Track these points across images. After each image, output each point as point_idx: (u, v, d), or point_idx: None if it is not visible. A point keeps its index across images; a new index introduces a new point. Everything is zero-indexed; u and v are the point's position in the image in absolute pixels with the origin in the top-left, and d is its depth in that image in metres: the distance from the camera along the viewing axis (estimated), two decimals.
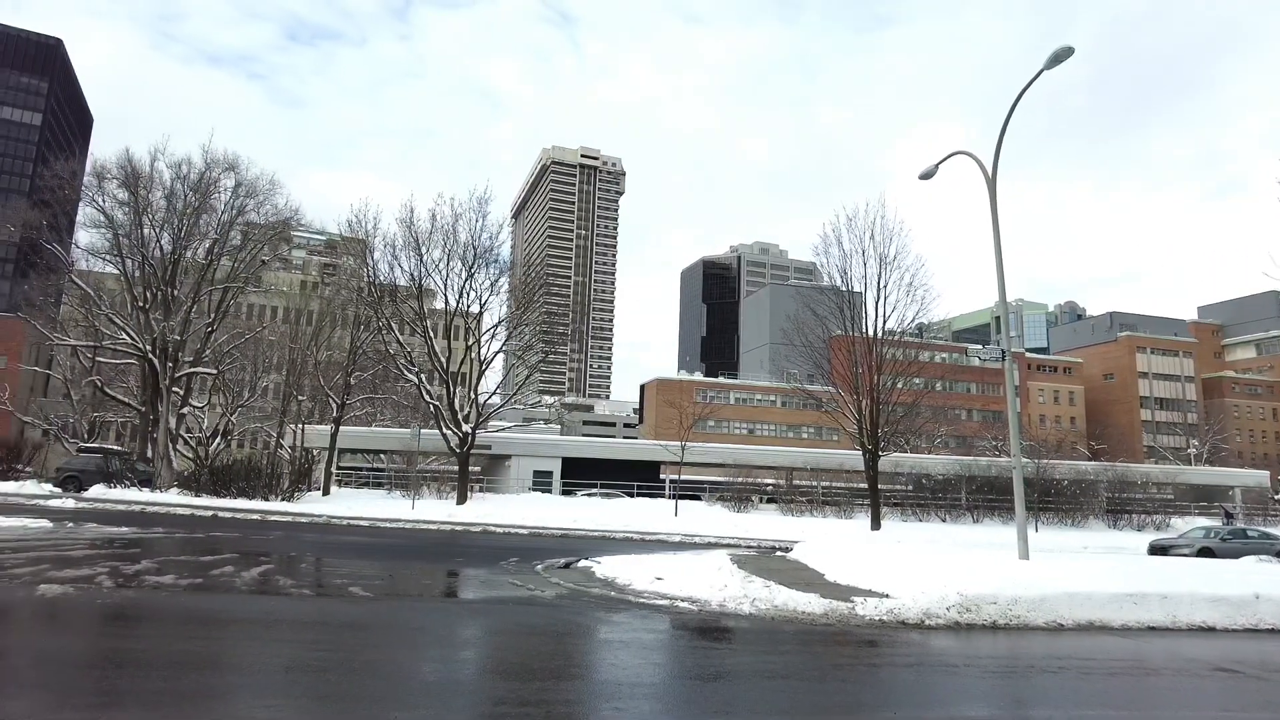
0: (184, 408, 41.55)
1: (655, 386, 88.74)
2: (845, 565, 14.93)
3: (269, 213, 41.43)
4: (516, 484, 43.23)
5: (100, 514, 23.09)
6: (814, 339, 36.23)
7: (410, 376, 38.27)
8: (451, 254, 37.24)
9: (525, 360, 41.71)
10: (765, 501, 40.62)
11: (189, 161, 39.29)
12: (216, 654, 7.77)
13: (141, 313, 37.88)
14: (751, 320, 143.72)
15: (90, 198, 39.38)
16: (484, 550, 19.31)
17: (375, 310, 38.91)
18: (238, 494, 31.69)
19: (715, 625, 10.57)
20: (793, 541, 22.26)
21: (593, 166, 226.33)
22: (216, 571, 12.60)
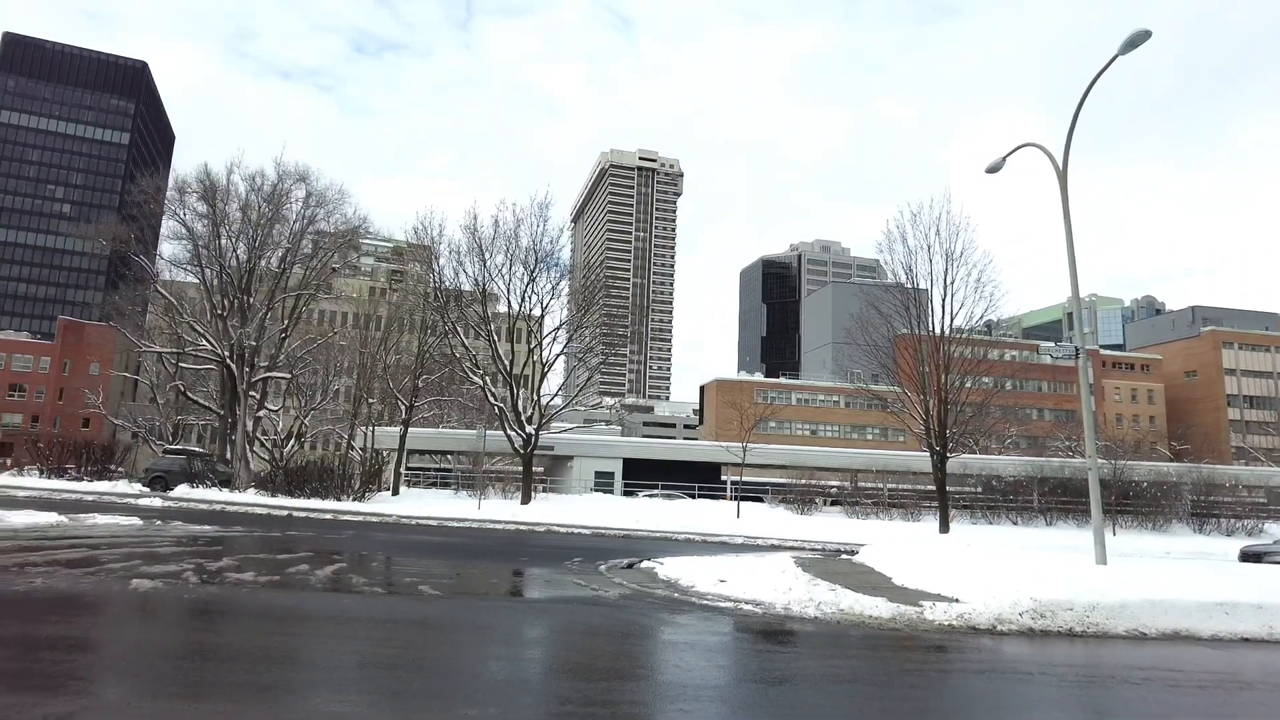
0: (260, 411, 43.19)
1: (715, 387, 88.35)
2: (913, 569, 14.63)
3: (338, 221, 42.84)
4: (578, 485, 43.59)
5: (184, 512, 24.15)
6: (878, 338, 35.54)
7: (475, 379, 38.99)
8: (514, 258, 37.87)
9: (586, 362, 42.06)
10: (829, 504, 40.00)
11: (262, 174, 40.97)
12: (294, 649, 8.07)
13: (220, 320, 39.48)
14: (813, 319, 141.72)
15: (172, 211, 41.40)
16: (548, 550, 19.54)
17: (441, 315, 39.83)
18: (311, 494, 32.73)
19: (780, 628, 10.49)
20: (858, 544, 21.90)
21: (650, 169, 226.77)
22: (292, 569, 13.06)
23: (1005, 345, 72.00)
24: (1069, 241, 16.83)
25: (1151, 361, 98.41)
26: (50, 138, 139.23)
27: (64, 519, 18.56)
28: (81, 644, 7.90)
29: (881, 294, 36.67)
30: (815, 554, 20.82)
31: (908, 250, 33.92)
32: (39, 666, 6.52)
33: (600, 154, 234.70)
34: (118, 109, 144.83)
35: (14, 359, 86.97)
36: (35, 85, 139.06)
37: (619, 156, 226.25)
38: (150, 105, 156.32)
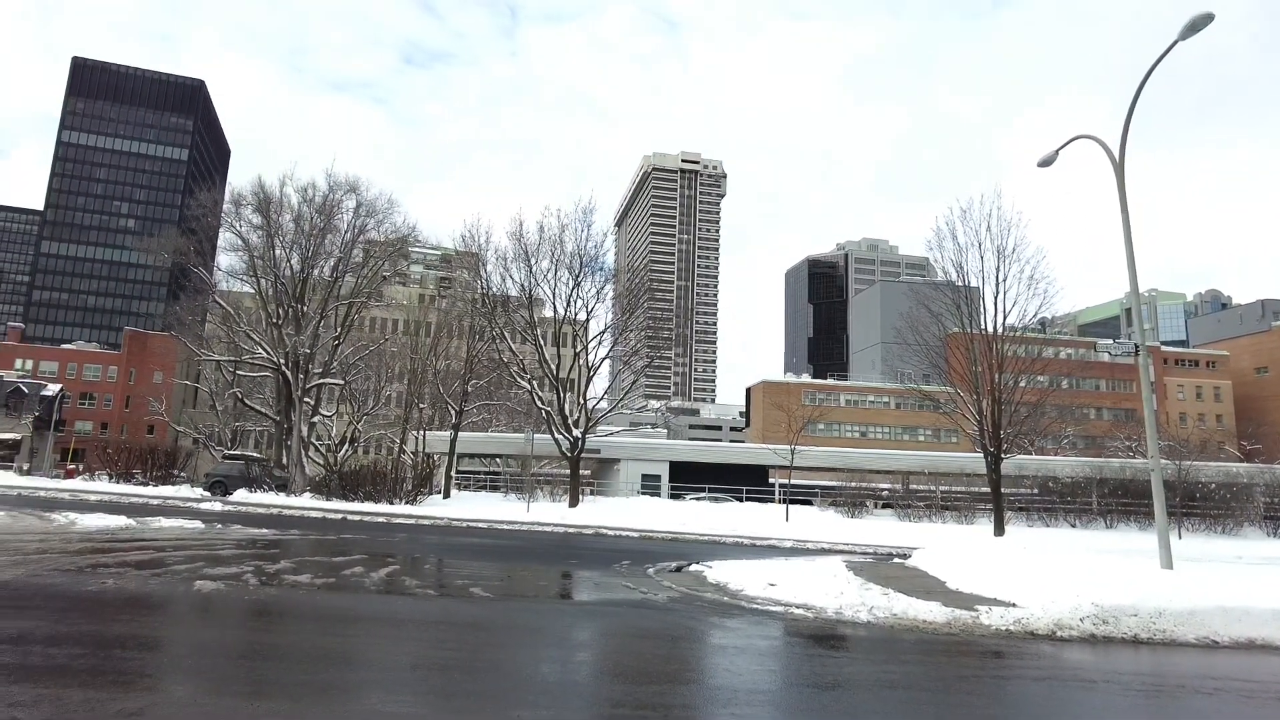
0: (315, 417, 44.20)
1: (761, 389, 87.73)
2: (967, 572, 14.32)
3: (388, 230, 43.68)
4: (625, 487, 43.68)
5: (243, 516, 24.84)
6: (929, 337, 34.91)
7: (522, 383, 39.38)
8: (559, 263, 38.17)
9: (631, 365, 42.14)
10: (880, 507, 39.40)
11: (314, 185, 42.01)
12: (350, 650, 8.23)
13: (275, 328, 40.54)
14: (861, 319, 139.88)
15: (229, 223, 42.69)
16: (596, 553, 19.61)
17: (489, 320, 40.35)
18: (365, 498, 33.40)
19: (831, 633, 10.36)
20: (910, 548, 21.52)
21: (693, 171, 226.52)
22: (347, 572, 13.33)
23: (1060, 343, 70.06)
24: (1127, 235, 16.31)
25: (1217, 358, 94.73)
26: (115, 156, 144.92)
27: (132, 522, 19.24)
28: (150, 642, 8.19)
29: (931, 292, 36.02)
30: (866, 558, 20.53)
31: (958, 247, 33.29)
32: (112, 664, 6.78)
33: (643, 157, 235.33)
34: (177, 126, 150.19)
35: (85, 369, 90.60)
36: (101, 106, 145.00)
37: (661, 159, 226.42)
38: (207, 121, 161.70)
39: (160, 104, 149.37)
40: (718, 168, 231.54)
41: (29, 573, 11.20)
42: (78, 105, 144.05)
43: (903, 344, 37.43)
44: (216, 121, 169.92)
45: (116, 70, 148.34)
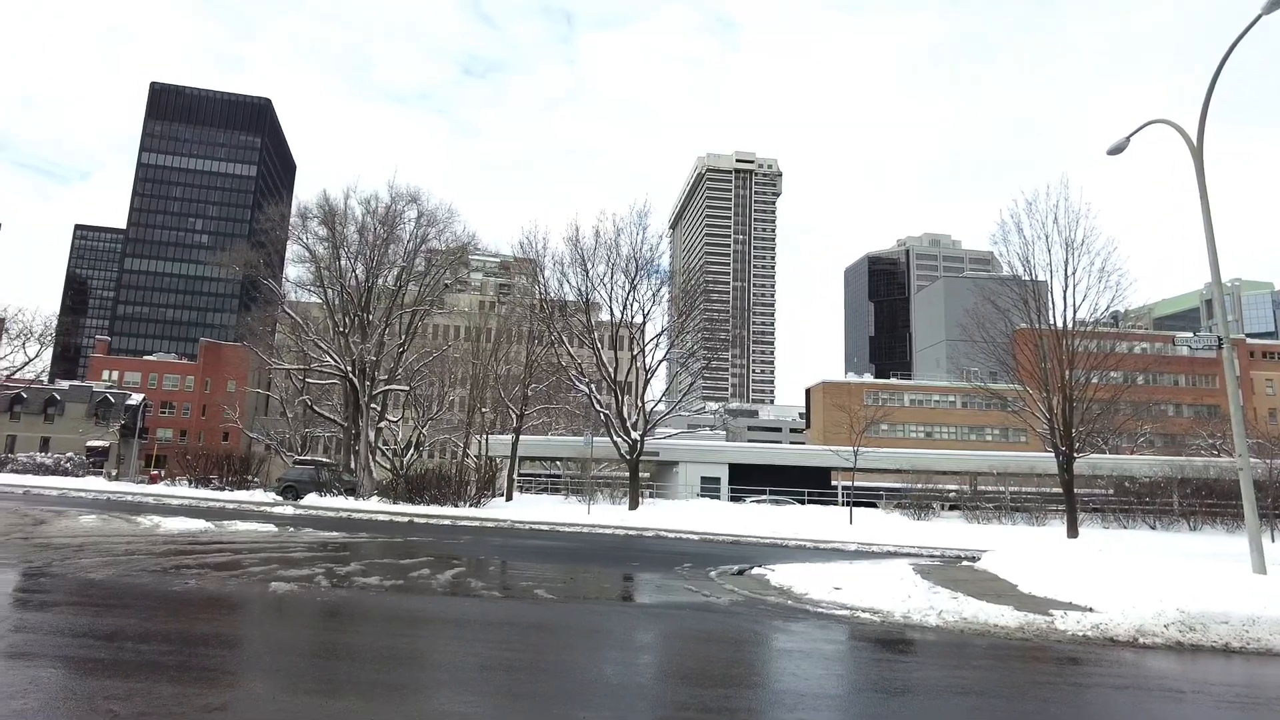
0: (381, 422, 45.31)
1: (822, 390, 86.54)
2: (1040, 575, 13.87)
3: (449, 239, 44.53)
4: (684, 490, 43.58)
5: (314, 520, 25.58)
6: (995, 334, 33.90)
7: (581, 387, 39.67)
8: (615, 267, 38.33)
9: (688, 367, 42.04)
10: (947, 509, 38.40)
11: (376, 197, 43.10)
12: (419, 650, 8.41)
13: (341, 337, 41.70)
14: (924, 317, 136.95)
15: (296, 236, 44.09)
16: (657, 555, 19.62)
17: (547, 325, 40.80)
18: (430, 501, 34.06)
19: (899, 637, 10.15)
20: (979, 550, 20.94)
21: (748, 170, 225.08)
22: (415, 574, 13.61)
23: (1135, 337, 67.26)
24: (1206, 222, 15.57)
25: None
26: (189, 175, 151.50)
27: (210, 526, 20.02)
28: (230, 641, 8.51)
29: (997, 287, 34.98)
30: (934, 561, 20.06)
31: (1023, 241, 32.24)
32: (196, 660, 7.07)
33: (697, 158, 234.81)
34: (246, 144, 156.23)
35: (164, 379, 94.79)
36: (176, 128, 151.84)
37: (715, 160, 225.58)
38: (274, 138, 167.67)
39: (230, 123, 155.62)
40: (772, 166, 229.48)
41: (119, 573, 11.76)
42: (155, 128, 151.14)
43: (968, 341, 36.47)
44: (282, 137, 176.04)
45: (191, 93, 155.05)
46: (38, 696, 5.73)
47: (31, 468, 42.36)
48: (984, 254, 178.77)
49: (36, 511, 22.33)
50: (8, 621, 8.42)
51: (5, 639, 7.51)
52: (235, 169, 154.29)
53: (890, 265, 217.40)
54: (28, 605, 9.58)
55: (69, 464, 43.43)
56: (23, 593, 10.41)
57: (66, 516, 20.98)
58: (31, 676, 6.29)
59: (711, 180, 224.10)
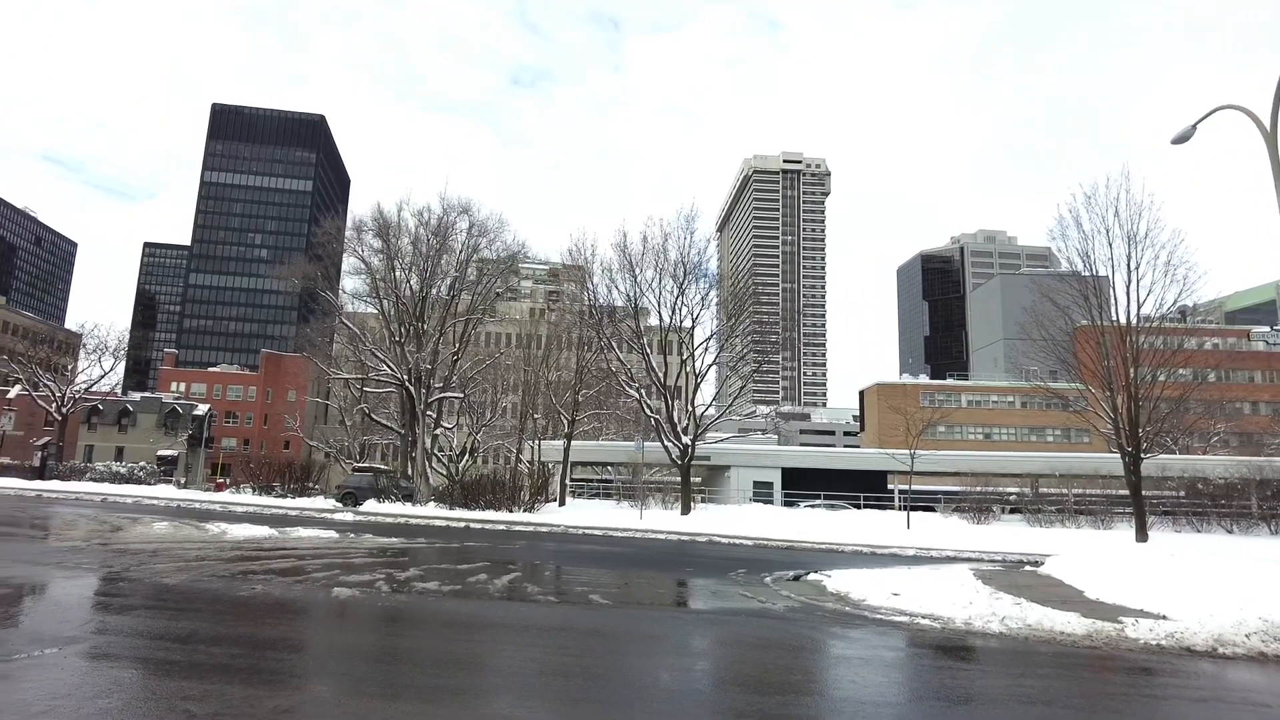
0: (437, 429, 46.12)
1: (876, 391, 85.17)
2: (1108, 581, 13.43)
3: (499, 249, 45.20)
4: (737, 495, 43.35)
5: (373, 526, 26.13)
6: (1055, 331, 32.98)
7: (631, 392, 39.78)
8: (663, 272, 38.42)
9: (738, 371, 41.85)
10: (1008, 512, 37.41)
11: (429, 209, 44.01)
12: (477, 655, 8.52)
13: (397, 346, 42.58)
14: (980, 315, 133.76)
15: (351, 249, 45.22)
16: (711, 560, 19.54)
17: (596, 331, 41.08)
18: (485, 506, 34.50)
19: (960, 644, 9.93)
20: (1043, 555, 20.37)
21: (795, 171, 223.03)
22: (472, 579, 13.81)
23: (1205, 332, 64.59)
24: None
25: None
26: (248, 191, 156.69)
27: (274, 532, 20.61)
28: (295, 645, 8.75)
29: (1056, 284, 34.03)
30: (995, 566, 19.57)
31: (1083, 235, 31.32)
32: (264, 664, 7.28)
33: (743, 160, 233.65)
34: (301, 160, 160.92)
35: (228, 389, 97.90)
36: (236, 146, 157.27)
37: (762, 161, 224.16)
38: (329, 153, 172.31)
39: (286, 140, 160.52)
40: (820, 166, 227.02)
41: (191, 578, 12.19)
42: (216, 147, 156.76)
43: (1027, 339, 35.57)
44: (336, 152, 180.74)
45: (249, 112, 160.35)
46: (120, 696, 5.98)
47: (109, 476, 44.17)
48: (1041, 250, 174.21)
49: (114, 518, 23.28)
50: (91, 624, 8.81)
51: (89, 640, 7.85)
52: (292, 184, 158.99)
53: (944, 263, 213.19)
54: (108, 608, 10.00)
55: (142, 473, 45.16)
56: (103, 596, 10.87)
57: (141, 523, 21.82)
58: (114, 677, 6.58)
59: (759, 182, 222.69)
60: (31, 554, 14.67)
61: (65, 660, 6.99)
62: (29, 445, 51.17)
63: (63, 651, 7.27)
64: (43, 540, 17.65)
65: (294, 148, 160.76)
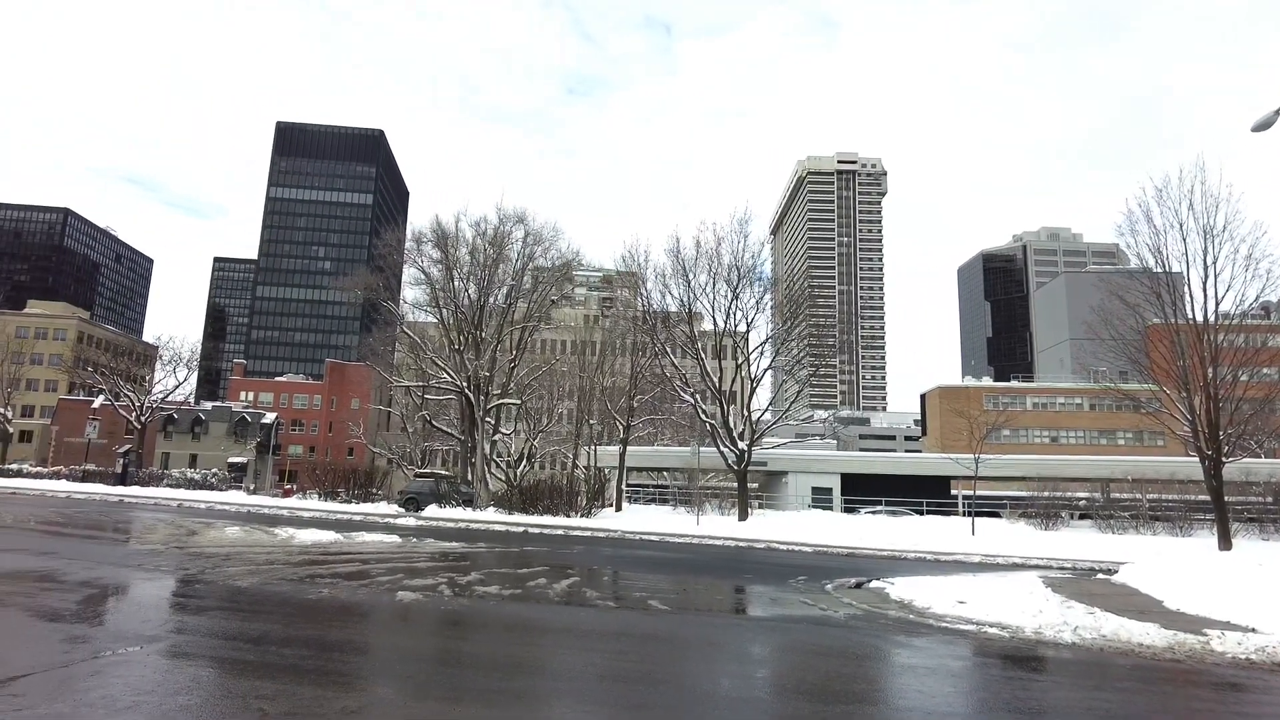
0: (495, 435, 46.73)
1: (938, 395, 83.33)
2: (1189, 591, 12.86)
3: (554, 257, 45.61)
4: (795, 501, 42.84)
5: (435, 530, 26.60)
6: (1125, 330, 31.77)
7: (686, 397, 39.69)
8: (716, 276, 38.17)
9: (795, 375, 41.36)
10: (1077, 518, 36.13)
11: (485, 219, 44.67)
12: (538, 659, 8.59)
13: (456, 354, 43.30)
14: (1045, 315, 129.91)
15: (411, 259, 46.15)
16: (770, 567, 19.35)
17: (650, 336, 41.10)
18: (543, 511, 34.80)
19: (1030, 654, 9.62)
20: (1115, 563, 19.63)
21: (850, 171, 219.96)
22: (532, 583, 13.94)
23: None
24: None
25: None
26: (312, 205, 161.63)
27: (340, 537, 21.15)
28: (361, 647, 8.96)
29: (1125, 281, 32.77)
30: (1065, 573, 18.92)
31: (1154, 230, 30.09)
32: (332, 665, 7.47)
33: (797, 162, 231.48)
34: (362, 174, 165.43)
35: (294, 398, 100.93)
36: (300, 162, 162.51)
37: (816, 162, 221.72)
38: (388, 167, 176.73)
39: (347, 155, 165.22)
40: (876, 165, 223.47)
41: (261, 581, 12.58)
42: (281, 163, 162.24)
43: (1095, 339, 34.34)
44: (395, 165, 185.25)
45: (311, 129, 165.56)
46: (198, 694, 6.21)
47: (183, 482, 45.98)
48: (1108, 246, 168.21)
49: (189, 523, 24.20)
50: (170, 624, 9.17)
51: (169, 639, 8.17)
52: (353, 198, 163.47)
53: (1006, 262, 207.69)
54: (186, 609, 10.39)
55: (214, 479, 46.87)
56: (181, 597, 11.30)
57: (214, 528, 22.63)
58: (192, 675, 6.83)
59: (813, 183, 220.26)
60: (115, 556, 15.33)
61: (147, 658, 7.29)
62: (112, 452, 53.57)
63: (144, 650, 7.58)
64: (125, 544, 18.44)
65: (354, 162, 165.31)
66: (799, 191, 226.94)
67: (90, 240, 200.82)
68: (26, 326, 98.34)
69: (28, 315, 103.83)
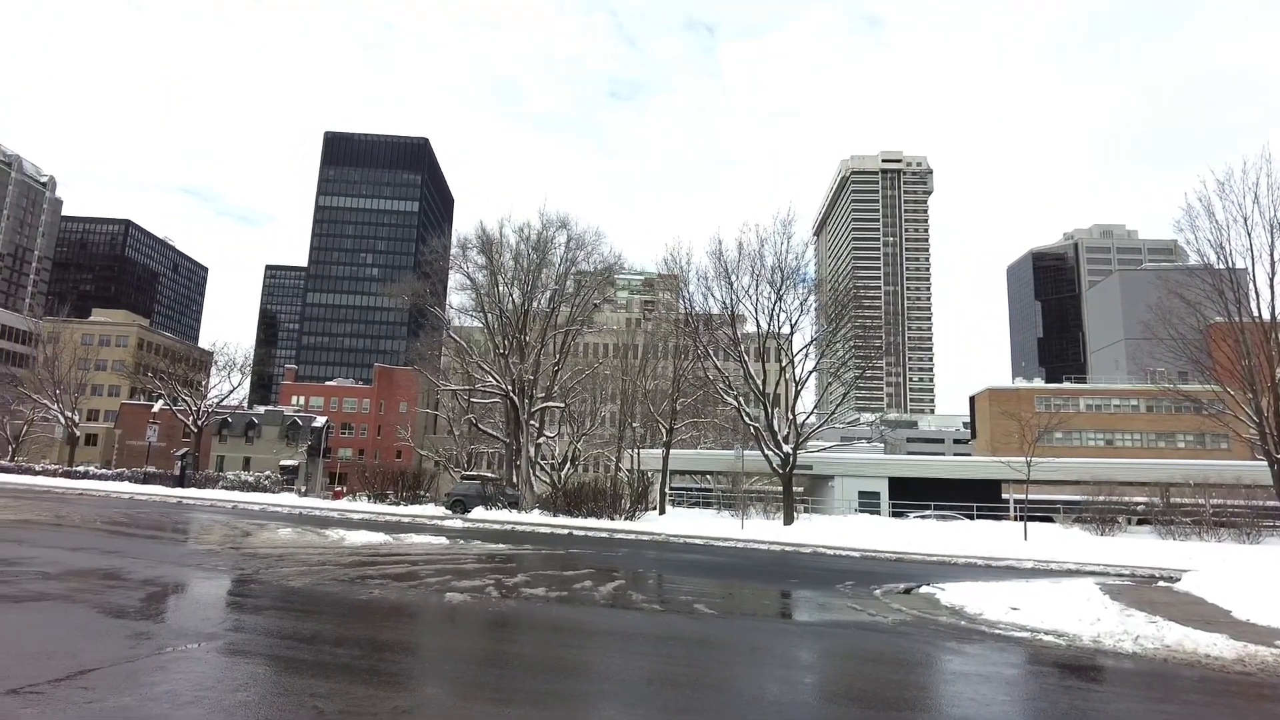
0: (539, 438, 47.07)
1: (987, 397, 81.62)
2: (1259, 600, 12.37)
3: (597, 261, 45.82)
4: (841, 505, 42.32)
5: (481, 532, 26.88)
6: (1185, 329, 30.79)
7: (729, 400, 39.49)
8: (759, 278, 37.91)
9: (840, 378, 40.87)
10: (1135, 523, 35.02)
11: (529, 225, 45.17)
12: (585, 661, 8.61)
13: (501, 358, 43.76)
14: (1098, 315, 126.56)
15: (457, 265, 46.81)
16: (816, 572, 19.13)
17: (693, 339, 41.02)
18: (587, 514, 34.94)
19: (1088, 663, 9.35)
20: (1177, 570, 18.98)
21: (895, 170, 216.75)
22: (577, 586, 14.00)
23: None
24: None
25: None
26: (359, 214, 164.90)
27: (389, 538, 21.50)
28: (411, 647, 9.09)
29: (1184, 279, 31.79)
30: (1123, 580, 18.35)
31: (1215, 225, 29.14)
32: (383, 665, 7.59)
33: (840, 161, 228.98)
34: (407, 182, 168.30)
35: (344, 402, 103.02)
36: (347, 171, 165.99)
37: (859, 162, 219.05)
38: (433, 174, 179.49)
39: (393, 163, 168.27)
40: (922, 164, 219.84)
41: (314, 581, 12.85)
42: (329, 172, 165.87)
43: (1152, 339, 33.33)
44: (440, 173, 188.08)
45: (358, 139, 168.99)
46: (256, 690, 6.37)
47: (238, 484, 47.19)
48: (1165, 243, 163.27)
49: (243, 524, 24.83)
50: (227, 622, 9.42)
51: (227, 637, 8.39)
52: (400, 205, 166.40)
53: (1057, 261, 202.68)
54: (242, 608, 10.66)
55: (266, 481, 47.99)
56: (237, 597, 11.60)
57: (267, 529, 23.18)
58: (250, 672, 7.00)
59: (857, 183, 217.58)
60: (175, 556, 15.81)
61: (207, 655, 7.49)
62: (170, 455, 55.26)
63: (204, 647, 7.80)
64: (184, 543, 19.01)
65: (400, 170, 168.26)
66: (842, 191, 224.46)
67: (149, 250, 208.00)
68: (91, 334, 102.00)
69: (93, 323, 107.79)
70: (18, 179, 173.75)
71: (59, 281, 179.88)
